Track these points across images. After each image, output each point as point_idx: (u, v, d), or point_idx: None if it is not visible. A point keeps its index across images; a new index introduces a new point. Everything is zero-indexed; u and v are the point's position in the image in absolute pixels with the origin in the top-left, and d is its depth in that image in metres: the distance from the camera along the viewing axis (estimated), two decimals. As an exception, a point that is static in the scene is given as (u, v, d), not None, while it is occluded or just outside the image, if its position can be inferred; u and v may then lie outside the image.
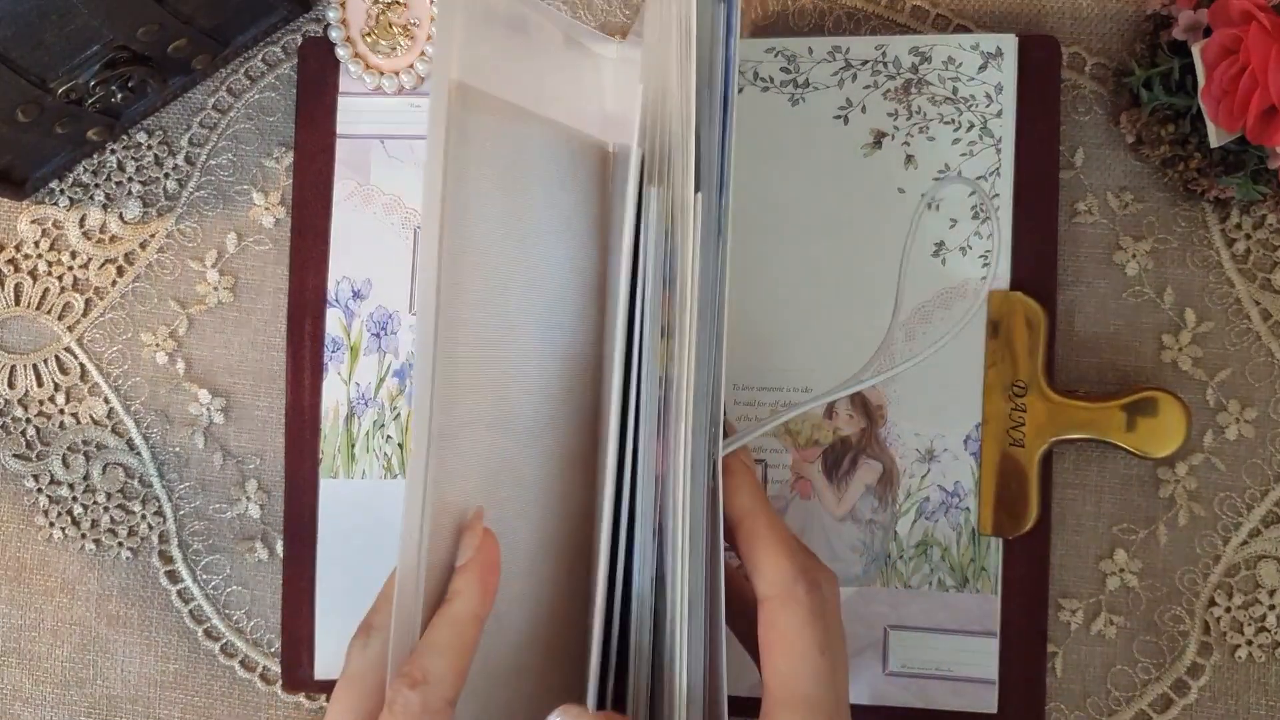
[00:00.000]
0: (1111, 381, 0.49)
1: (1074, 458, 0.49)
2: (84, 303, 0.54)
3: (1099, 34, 0.50)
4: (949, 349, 0.48)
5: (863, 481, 0.48)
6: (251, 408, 0.53)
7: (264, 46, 0.54)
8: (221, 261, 0.54)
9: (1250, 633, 0.48)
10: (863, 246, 0.49)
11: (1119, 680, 0.49)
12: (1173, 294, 0.49)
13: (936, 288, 0.48)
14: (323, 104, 0.52)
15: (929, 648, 0.48)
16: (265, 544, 0.53)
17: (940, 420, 0.48)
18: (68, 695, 0.54)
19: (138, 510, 0.54)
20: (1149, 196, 0.49)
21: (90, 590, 0.54)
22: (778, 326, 0.49)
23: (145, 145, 0.54)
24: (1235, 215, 0.49)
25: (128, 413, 0.54)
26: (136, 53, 0.49)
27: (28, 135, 0.50)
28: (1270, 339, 0.49)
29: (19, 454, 0.54)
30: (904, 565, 0.48)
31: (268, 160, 0.54)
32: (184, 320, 0.54)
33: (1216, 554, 0.49)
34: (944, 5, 0.50)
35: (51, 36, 0.45)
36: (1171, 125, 0.47)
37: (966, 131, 0.48)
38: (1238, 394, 0.49)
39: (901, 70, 0.49)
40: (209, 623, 0.53)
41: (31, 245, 0.54)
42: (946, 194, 0.48)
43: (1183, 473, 0.49)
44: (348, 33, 0.52)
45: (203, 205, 0.54)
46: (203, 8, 0.49)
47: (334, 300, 0.52)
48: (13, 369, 0.55)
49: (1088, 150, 0.50)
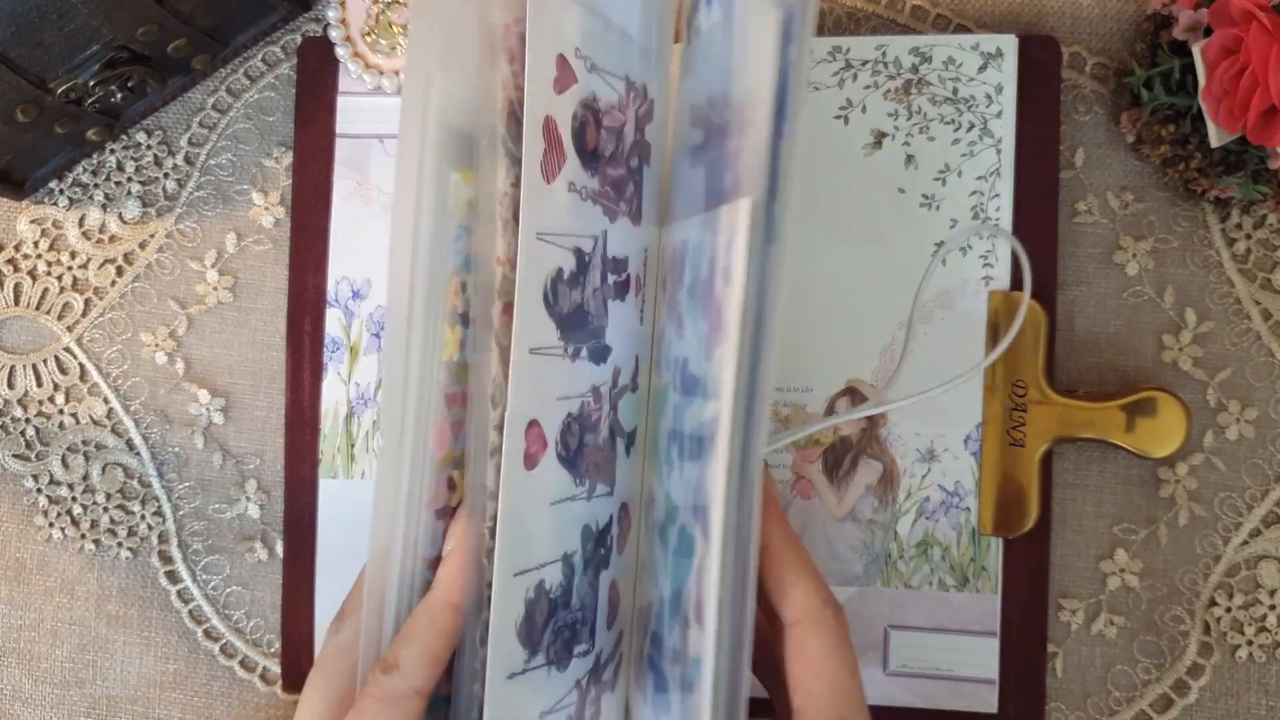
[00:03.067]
0: (1112, 381, 0.49)
1: (1074, 458, 0.49)
2: (83, 303, 0.54)
3: (1099, 34, 0.50)
4: (949, 349, 0.48)
5: (863, 481, 0.48)
6: (251, 408, 0.53)
7: (263, 46, 0.54)
8: (221, 261, 0.54)
9: (1251, 633, 0.48)
10: (862, 246, 0.49)
11: (1119, 680, 0.49)
12: (1173, 294, 0.49)
13: (937, 288, 0.48)
14: (322, 103, 0.52)
15: (929, 648, 0.48)
16: (265, 544, 0.53)
17: (940, 420, 0.48)
18: (67, 695, 0.54)
19: (137, 510, 0.54)
20: (1149, 196, 0.49)
21: (90, 590, 0.54)
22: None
23: (145, 145, 0.54)
24: (1236, 215, 0.49)
25: (127, 413, 0.54)
26: (136, 52, 0.49)
27: (27, 135, 0.50)
28: (1271, 339, 0.49)
29: (18, 454, 0.54)
30: (904, 565, 0.48)
31: (267, 160, 0.54)
32: (183, 320, 0.54)
33: (1217, 554, 0.49)
34: (944, 5, 0.50)
35: (51, 36, 0.45)
36: (1172, 125, 0.47)
37: (967, 132, 0.48)
38: (1238, 394, 0.49)
39: (902, 70, 0.48)
40: (208, 623, 0.53)
41: (31, 245, 0.54)
42: (953, 211, 0.48)
43: (1183, 473, 0.49)
44: (347, 32, 0.52)
45: (202, 205, 0.54)
46: (202, 8, 0.49)
47: (334, 300, 0.52)
48: (12, 369, 0.55)
49: (1088, 150, 0.50)
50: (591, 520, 0.39)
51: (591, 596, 0.39)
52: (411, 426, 0.36)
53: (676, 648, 0.37)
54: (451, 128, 0.36)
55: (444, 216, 0.36)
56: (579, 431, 0.38)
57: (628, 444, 0.42)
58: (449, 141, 0.36)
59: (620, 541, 0.42)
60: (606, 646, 0.41)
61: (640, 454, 0.43)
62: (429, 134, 0.35)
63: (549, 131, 0.35)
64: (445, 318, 0.36)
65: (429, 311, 0.36)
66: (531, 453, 0.36)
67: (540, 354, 0.36)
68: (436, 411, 0.36)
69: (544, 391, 0.36)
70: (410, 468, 0.36)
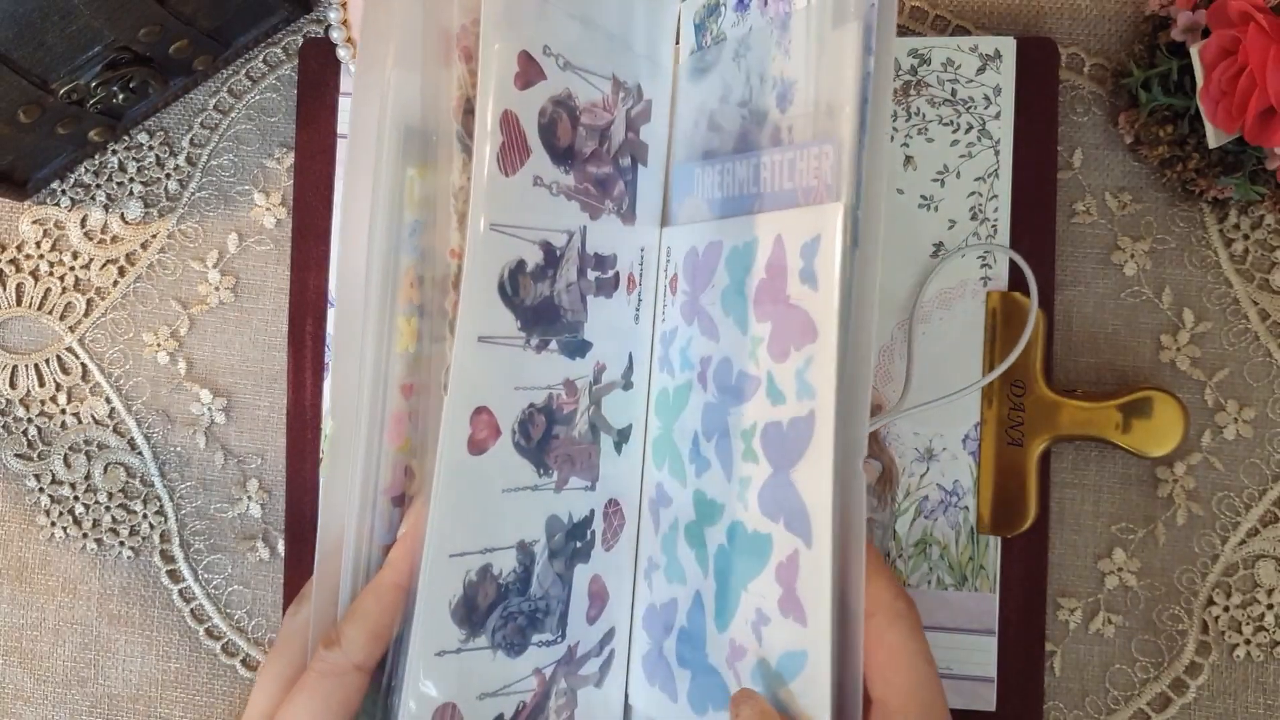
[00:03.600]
0: (1109, 381, 0.49)
1: (1072, 457, 0.50)
2: (85, 303, 0.54)
3: (1097, 35, 0.50)
4: (948, 349, 0.48)
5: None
6: (253, 407, 0.54)
7: (265, 47, 0.54)
8: (223, 262, 0.54)
9: (1249, 632, 0.49)
10: (862, 247, 0.49)
11: (1117, 679, 0.49)
12: (1171, 294, 0.49)
13: (936, 288, 0.48)
14: (324, 104, 0.52)
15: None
16: (266, 543, 0.53)
17: (939, 420, 0.48)
18: (69, 694, 0.54)
19: (139, 510, 0.54)
20: (1147, 197, 0.50)
21: (92, 589, 0.54)
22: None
23: (147, 146, 0.54)
24: (1233, 215, 0.49)
25: (129, 412, 0.54)
26: (138, 54, 0.49)
27: (29, 136, 0.50)
28: (1268, 339, 0.49)
29: (21, 454, 0.55)
30: (903, 564, 0.48)
31: (269, 161, 0.54)
32: (185, 320, 0.54)
33: (1215, 553, 0.49)
34: (943, 7, 0.51)
35: (53, 37, 0.45)
36: (1170, 126, 0.47)
37: (965, 133, 0.48)
38: (1236, 394, 0.49)
39: (900, 72, 0.49)
40: (210, 622, 0.54)
41: (33, 245, 0.55)
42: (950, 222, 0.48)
43: (1181, 472, 0.49)
44: (349, 33, 0.52)
45: (204, 206, 0.54)
46: (204, 9, 0.49)
47: (335, 300, 0.52)
48: (14, 369, 0.55)
49: (1086, 151, 0.50)
50: (562, 512, 0.39)
51: (560, 587, 0.40)
52: (366, 416, 0.37)
53: (743, 644, 0.37)
54: (408, 125, 0.37)
55: (399, 211, 0.37)
56: (545, 423, 0.38)
57: (618, 441, 0.42)
58: (404, 138, 0.37)
59: (608, 537, 0.42)
60: (587, 640, 0.41)
61: (639, 452, 0.43)
62: (385, 130, 0.36)
63: (508, 125, 0.35)
64: (401, 310, 0.37)
65: (383, 304, 0.37)
66: (479, 439, 0.36)
67: (492, 343, 0.36)
68: (393, 402, 0.37)
69: (496, 380, 0.36)
70: (364, 456, 0.37)
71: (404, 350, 0.37)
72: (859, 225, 0.34)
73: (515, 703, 0.39)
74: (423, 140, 0.37)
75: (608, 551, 0.42)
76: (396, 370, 0.37)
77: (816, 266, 0.34)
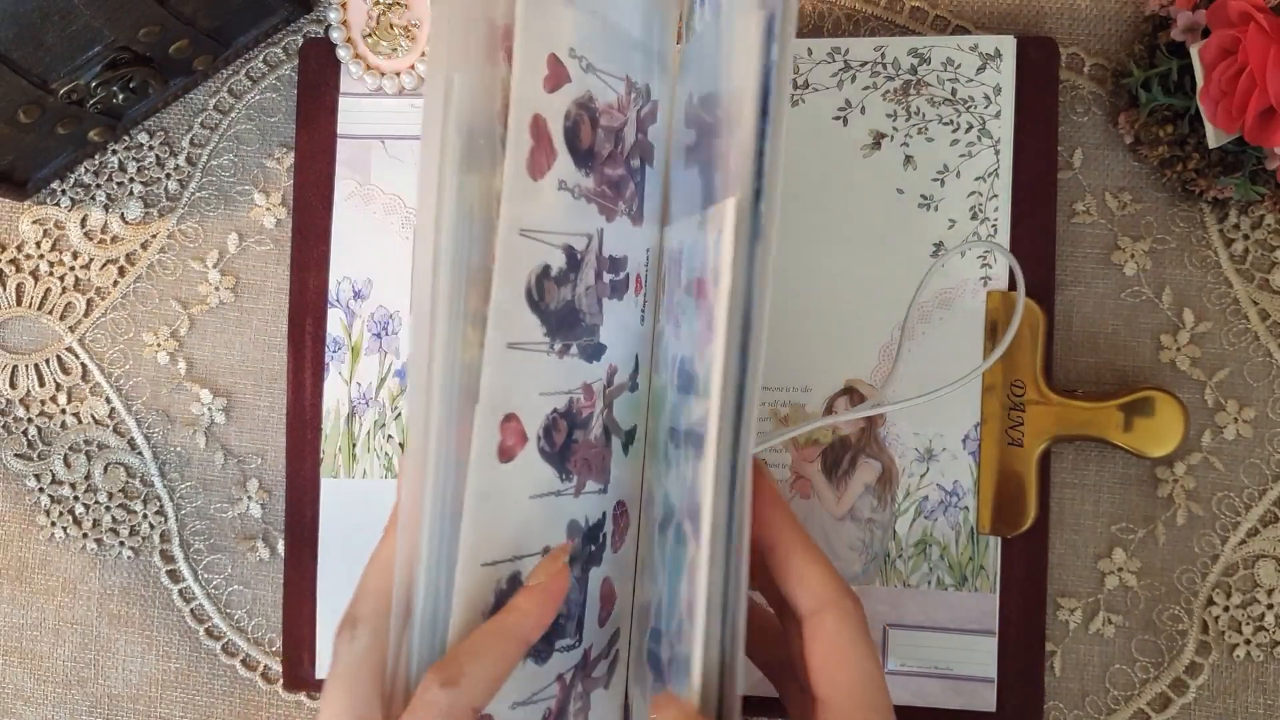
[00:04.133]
0: (1110, 381, 0.49)
1: (1072, 457, 0.50)
2: (85, 303, 0.54)
3: (1097, 35, 0.50)
4: (948, 349, 0.48)
5: (862, 481, 0.49)
6: (253, 407, 0.54)
7: (265, 47, 0.54)
8: (223, 262, 0.54)
9: (1249, 632, 0.49)
10: (861, 247, 0.49)
11: (1117, 679, 0.49)
12: (1171, 294, 0.49)
13: (935, 287, 0.48)
14: (324, 104, 0.52)
15: (928, 646, 0.48)
16: (266, 543, 0.53)
17: (939, 420, 0.48)
18: (69, 694, 0.54)
19: (139, 510, 0.54)
20: (1147, 197, 0.50)
21: (92, 589, 0.54)
22: (777, 326, 0.49)
23: (147, 146, 0.54)
24: (1233, 215, 0.49)
25: (129, 412, 0.54)
26: (138, 54, 0.49)
27: (29, 136, 0.50)
28: (1268, 339, 0.49)
29: (21, 453, 0.55)
30: (903, 564, 0.48)
31: (269, 161, 0.54)
32: (185, 320, 0.54)
33: (1215, 553, 0.49)
34: (943, 6, 0.51)
35: (53, 37, 0.45)
36: (1170, 126, 0.47)
37: (965, 133, 0.48)
38: (1236, 394, 0.49)
39: (900, 71, 0.49)
40: (210, 622, 0.54)
41: (33, 245, 0.55)
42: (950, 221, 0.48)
43: (1181, 472, 0.49)
44: (349, 33, 0.52)
45: (204, 206, 0.54)
46: (204, 9, 0.49)
47: (335, 300, 0.52)
48: (14, 369, 0.55)
49: (1086, 151, 0.50)
50: (580, 516, 0.39)
51: (579, 592, 0.39)
52: (436, 429, 0.35)
53: (674, 644, 0.37)
54: (470, 129, 0.36)
55: (465, 217, 0.36)
56: (566, 427, 0.38)
57: (625, 442, 0.42)
58: (468, 142, 0.36)
59: (616, 539, 0.42)
60: (599, 643, 0.41)
61: (640, 453, 0.43)
62: (449, 135, 0.35)
63: (537, 129, 0.35)
64: (468, 318, 0.36)
65: (451, 312, 0.36)
66: (508, 446, 0.35)
67: (521, 349, 0.36)
68: (461, 412, 0.36)
69: (524, 386, 0.36)
70: (434, 470, 0.35)
71: (470, 360, 0.36)
72: (760, 219, 0.33)
73: (542, 710, 0.38)
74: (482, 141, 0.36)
75: (615, 553, 0.42)
76: (464, 380, 0.36)
77: (720, 263, 0.34)
